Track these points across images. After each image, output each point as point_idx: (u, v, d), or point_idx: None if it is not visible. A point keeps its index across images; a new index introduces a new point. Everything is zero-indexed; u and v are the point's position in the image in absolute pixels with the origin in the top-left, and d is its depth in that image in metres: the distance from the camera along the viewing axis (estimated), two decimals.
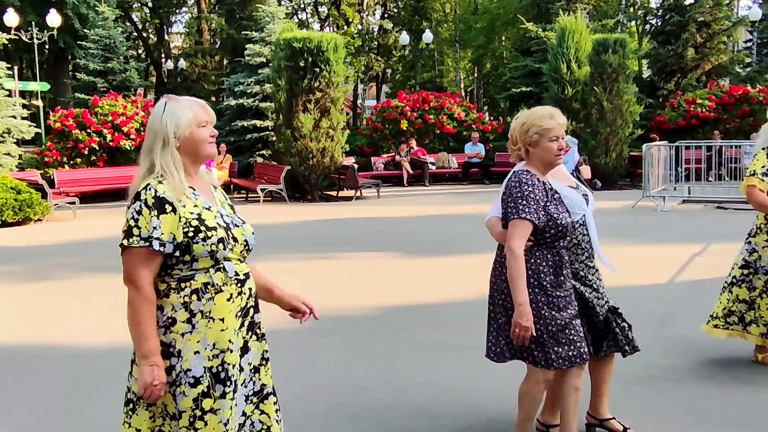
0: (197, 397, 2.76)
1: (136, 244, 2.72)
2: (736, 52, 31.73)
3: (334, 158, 18.86)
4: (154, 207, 2.73)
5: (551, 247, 3.76)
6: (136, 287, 2.72)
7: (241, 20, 32.33)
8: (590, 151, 20.04)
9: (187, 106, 2.86)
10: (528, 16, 27.07)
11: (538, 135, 3.79)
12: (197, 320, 2.77)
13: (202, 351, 2.78)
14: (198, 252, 2.76)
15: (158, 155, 2.81)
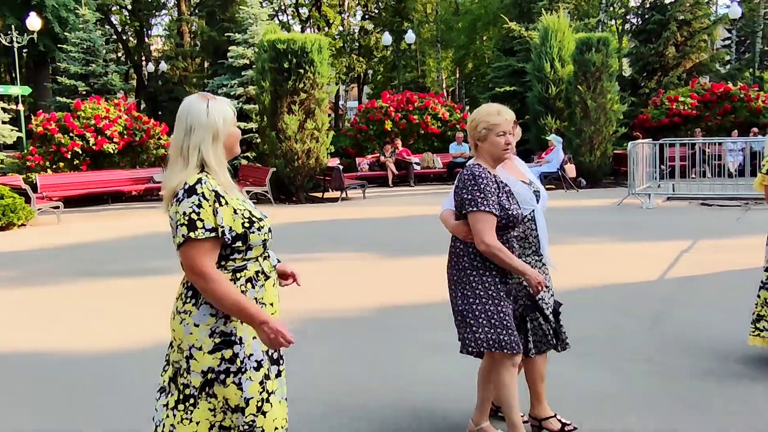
0: (262, 380, 2.87)
1: (202, 236, 2.74)
2: (716, 50, 31.98)
3: (320, 159, 18.81)
4: (213, 199, 2.78)
5: (500, 236, 3.88)
6: (206, 277, 2.74)
7: (223, 22, 32.22)
8: (574, 150, 20.13)
9: (226, 103, 2.93)
10: (510, 16, 27.15)
11: (486, 130, 3.94)
12: None
13: None
14: (254, 241, 2.87)
15: (208, 149, 2.84)
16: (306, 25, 45.93)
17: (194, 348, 2.83)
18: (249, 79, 21.95)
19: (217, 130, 2.86)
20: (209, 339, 2.82)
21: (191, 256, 2.75)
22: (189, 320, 2.85)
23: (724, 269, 8.75)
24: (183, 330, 2.86)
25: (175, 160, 2.87)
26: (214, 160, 2.84)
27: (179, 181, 2.81)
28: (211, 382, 2.84)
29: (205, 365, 2.82)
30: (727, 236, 11.08)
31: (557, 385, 5.07)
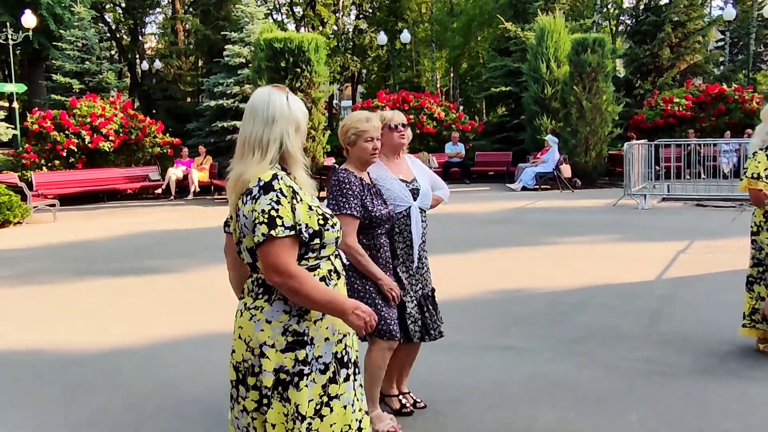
0: (326, 383, 2.79)
1: (283, 233, 2.64)
2: (710, 52, 32.08)
3: (316, 159, 18.82)
4: (290, 195, 2.71)
5: (367, 233, 4.18)
6: (289, 275, 2.64)
7: (218, 21, 32.09)
8: (570, 150, 20.17)
9: (298, 99, 2.90)
10: (505, 16, 27.17)
11: (355, 136, 4.22)
12: None
13: (331, 337, 2.82)
14: (328, 239, 2.79)
15: (292, 141, 2.81)
16: (300, 24, 45.86)
17: (266, 345, 2.73)
18: (245, 77, 21.92)
19: (298, 123, 2.84)
20: (282, 337, 2.73)
21: (274, 255, 2.64)
22: (260, 316, 2.75)
23: (720, 269, 8.79)
24: (253, 327, 2.75)
25: (247, 152, 2.76)
26: (298, 152, 2.82)
27: (254, 173, 2.72)
28: (285, 384, 2.74)
29: (278, 364, 2.73)
30: (722, 237, 11.13)
31: (557, 383, 5.11)
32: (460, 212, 15.15)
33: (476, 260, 9.98)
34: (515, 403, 4.80)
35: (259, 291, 2.78)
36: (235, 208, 2.79)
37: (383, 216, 4.19)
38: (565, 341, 6.11)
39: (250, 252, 2.76)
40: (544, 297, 7.72)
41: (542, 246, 10.76)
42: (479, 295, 7.89)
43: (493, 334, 6.44)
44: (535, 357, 5.75)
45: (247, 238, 2.73)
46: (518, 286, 8.22)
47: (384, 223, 4.23)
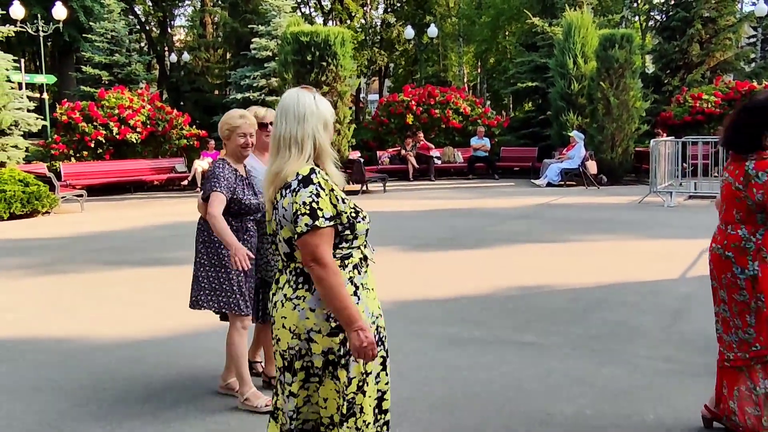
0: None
1: (324, 224, 2.82)
2: (741, 48, 31.68)
3: (341, 152, 18.87)
4: (328, 188, 2.89)
5: (236, 217, 4.68)
6: (323, 264, 2.81)
7: (246, 14, 32.19)
8: (596, 147, 20.06)
9: (324, 99, 3.05)
10: (533, 11, 27.03)
11: (228, 131, 4.70)
12: (360, 292, 2.96)
13: (366, 319, 2.94)
14: (360, 230, 2.97)
15: (322, 138, 2.96)
16: (328, 17, 45.91)
17: (312, 332, 2.90)
18: (271, 71, 22.03)
19: (326, 120, 2.98)
20: (326, 323, 2.89)
21: (315, 244, 2.81)
22: (303, 305, 2.91)
23: None
24: (297, 315, 2.92)
25: (283, 149, 2.93)
26: (328, 148, 2.99)
27: (293, 169, 2.89)
28: (334, 364, 2.93)
29: (325, 347, 2.91)
30: None
31: (575, 379, 5.11)
32: (484, 207, 15.15)
33: (498, 255, 9.97)
34: (533, 399, 4.81)
35: (299, 281, 2.95)
36: (272, 202, 2.99)
37: (252, 205, 4.67)
38: (584, 338, 6.10)
39: (287, 242, 2.95)
40: (566, 293, 7.71)
41: (566, 242, 10.73)
42: (500, 291, 7.88)
43: (513, 329, 6.44)
44: (554, 353, 5.75)
45: (285, 229, 2.92)
46: (540, 282, 8.21)
47: (253, 212, 4.70)
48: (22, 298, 8.00)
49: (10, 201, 14.40)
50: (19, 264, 9.97)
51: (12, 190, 14.48)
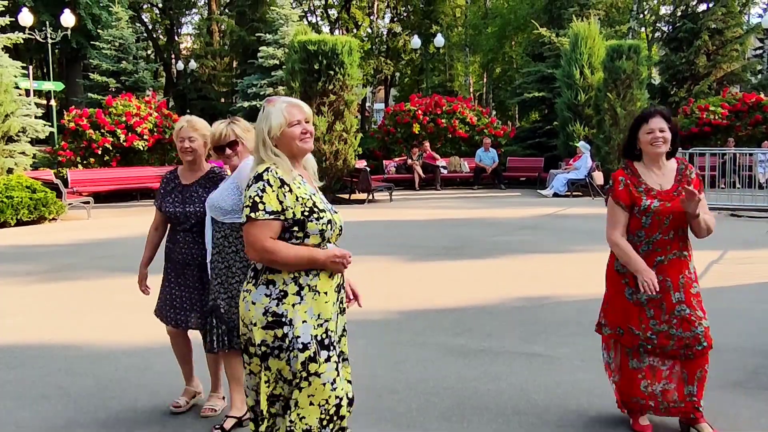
0: (305, 361, 3.14)
1: (262, 217, 3.09)
2: (748, 60, 31.67)
3: (347, 161, 18.89)
4: (277, 185, 3.13)
5: (172, 228, 4.84)
6: (264, 249, 3.09)
7: (253, 22, 32.34)
8: (603, 157, 20.04)
9: (279, 109, 3.26)
10: (540, 22, 27.09)
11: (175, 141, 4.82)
12: (305, 293, 3.17)
13: (309, 320, 3.18)
14: (311, 229, 3.17)
15: (262, 149, 3.23)
16: (335, 26, 46.04)
17: (252, 324, 3.18)
18: (278, 79, 22.09)
19: (263, 134, 3.23)
20: (263, 317, 3.14)
21: (251, 234, 3.10)
22: (249, 298, 3.20)
23: (753, 281, 8.69)
24: (244, 307, 3.22)
25: (254, 153, 3.30)
26: (270, 158, 3.20)
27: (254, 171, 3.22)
28: (265, 355, 3.16)
29: (260, 339, 3.15)
30: (756, 248, 10.99)
31: (584, 391, 5.08)
32: (491, 217, 15.13)
33: (505, 265, 9.95)
34: (541, 410, 4.79)
35: (251, 275, 3.25)
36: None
37: (169, 213, 4.74)
38: (593, 349, 6.06)
39: None
40: (574, 304, 7.68)
41: (572, 253, 10.70)
42: (508, 302, 7.87)
43: (521, 340, 6.42)
44: (563, 365, 5.73)
45: None
46: (547, 293, 8.19)
47: (175, 221, 4.75)
48: (29, 304, 8.00)
49: (18, 207, 14.43)
50: (26, 270, 9.98)
51: (19, 196, 14.51)
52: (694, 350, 4.23)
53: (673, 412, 4.36)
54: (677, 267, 4.24)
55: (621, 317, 4.40)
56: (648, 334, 4.31)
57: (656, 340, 4.29)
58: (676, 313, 4.23)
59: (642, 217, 4.23)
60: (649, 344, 4.32)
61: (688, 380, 4.29)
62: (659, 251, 4.24)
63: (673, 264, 4.24)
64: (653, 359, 4.35)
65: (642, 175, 4.30)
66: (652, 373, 4.35)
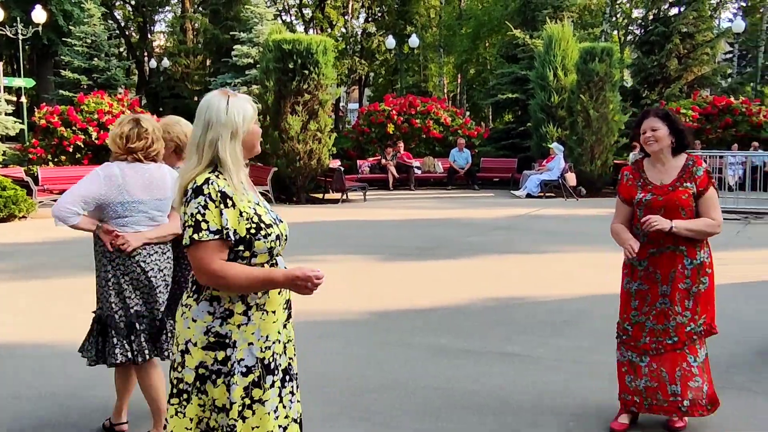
0: (248, 386, 2.84)
1: (206, 237, 2.72)
2: (718, 64, 32.06)
3: (321, 161, 18.85)
4: (218, 200, 2.75)
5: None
6: (213, 273, 2.73)
7: (227, 21, 32.17)
8: (576, 159, 20.17)
9: (246, 100, 2.90)
10: (514, 23, 27.20)
11: None
12: (252, 312, 2.84)
13: (256, 342, 2.85)
14: (259, 248, 2.82)
15: (225, 147, 2.80)
16: (309, 25, 45.95)
17: (190, 343, 2.83)
18: (253, 78, 22.00)
19: (236, 128, 2.80)
20: (204, 336, 2.80)
21: (197, 258, 2.74)
22: (188, 314, 2.84)
23: (723, 282, 8.77)
24: (182, 323, 2.86)
25: (190, 156, 2.84)
26: (230, 159, 2.79)
27: (190, 177, 2.80)
28: (203, 379, 2.83)
29: (199, 360, 2.81)
30: (726, 249, 11.10)
31: (560, 391, 5.11)
32: (464, 217, 15.18)
33: (480, 266, 9.99)
34: (517, 410, 4.81)
35: (192, 288, 2.88)
36: (179, 206, 2.88)
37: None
38: (567, 350, 6.12)
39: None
40: (547, 305, 7.73)
41: (546, 253, 10.76)
42: (483, 302, 7.89)
43: (498, 340, 6.44)
44: (538, 365, 5.76)
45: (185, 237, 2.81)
46: (521, 293, 8.23)
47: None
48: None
49: None
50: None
51: None
52: (665, 344, 4.32)
53: (655, 410, 4.41)
54: (670, 260, 4.33)
55: (621, 306, 4.56)
56: (625, 325, 4.45)
57: (631, 331, 4.42)
58: (657, 305, 4.34)
59: (637, 209, 4.40)
60: (624, 335, 4.46)
61: (669, 379, 4.33)
62: (652, 243, 4.35)
63: (665, 257, 4.34)
64: (631, 354, 4.45)
65: (646, 170, 4.48)
66: (633, 368, 4.44)
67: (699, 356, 4.37)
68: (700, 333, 4.36)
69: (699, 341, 4.38)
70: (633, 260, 4.41)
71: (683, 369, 4.33)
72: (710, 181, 4.39)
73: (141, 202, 4.24)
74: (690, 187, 4.32)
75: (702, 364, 4.37)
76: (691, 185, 4.32)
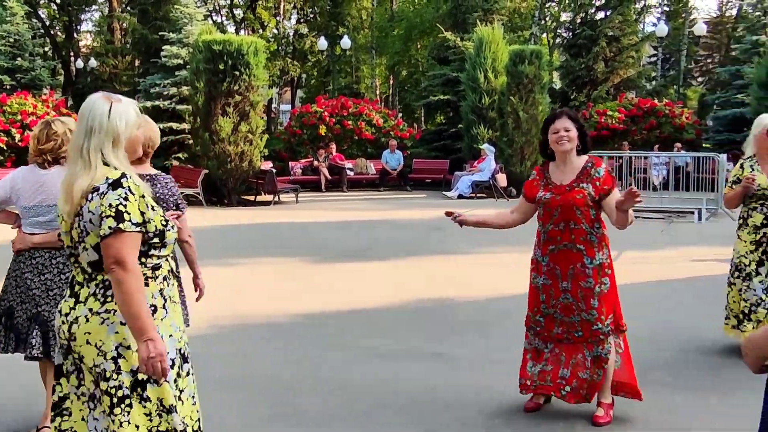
0: (176, 378, 2.87)
1: (129, 228, 2.72)
2: (643, 67, 32.88)
3: (253, 162, 18.70)
4: (138, 193, 2.79)
5: None
6: (125, 268, 2.69)
7: (156, 20, 31.61)
8: (506, 159, 20.44)
9: (130, 105, 2.91)
10: (445, 26, 27.40)
11: None
12: (168, 305, 2.91)
13: (174, 333, 2.91)
14: (169, 239, 2.90)
15: (109, 153, 2.81)
16: (240, 26, 45.49)
17: (122, 347, 2.77)
18: (182, 79, 21.63)
19: (117, 134, 2.82)
20: None
21: (118, 248, 2.69)
22: (114, 319, 2.76)
23: (648, 279, 9.02)
24: (106, 330, 2.76)
25: (75, 160, 2.82)
26: (116, 162, 2.81)
27: (87, 182, 2.76)
28: (143, 384, 2.78)
29: (135, 365, 2.75)
30: (651, 248, 11.41)
31: (485, 390, 5.17)
32: (397, 218, 15.24)
33: (412, 267, 10.05)
34: (441, 410, 4.84)
35: (107, 294, 2.80)
36: (68, 214, 2.83)
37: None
38: (493, 349, 6.20)
39: (95, 249, 2.78)
40: (474, 304, 7.83)
41: (476, 254, 10.88)
42: (413, 303, 7.94)
43: (426, 341, 6.49)
44: (467, 364, 5.82)
45: (92, 234, 2.77)
46: (451, 294, 8.30)
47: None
48: None
49: None
50: None
51: None
52: (572, 336, 4.51)
53: (538, 390, 4.64)
54: (567, 258, 4.48)
55: (529, 300, 4.76)
56: (537, 317, 4.63)
57: (543, 322, 4.61)
58: (561, 299, 4.52)
59: (539, 207, 4.61)
60: (538, 326, 4.64)
61: (564, 364, 4.53)
62: (551, 241, 4.55)
63: (562, 254, 4.50)
64: (539, 342, 4.65)
65: (551, 171, 4.65)
66: (537, 354, 4.65)
67: (596, 351, 4.49)
68: (606, 332, 4.48)
69: (605, 340, 4.49)
70: (537, 255, 4.66)
71: (578, 359, 4.51)
72: (615, 181, 4.55)
73: (30, 207, 4.28)
74: (585, 188, 4.44)
75: (597, 359, 4.48)
76: (588, 186, 4.45)
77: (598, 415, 4.56)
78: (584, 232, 4.44)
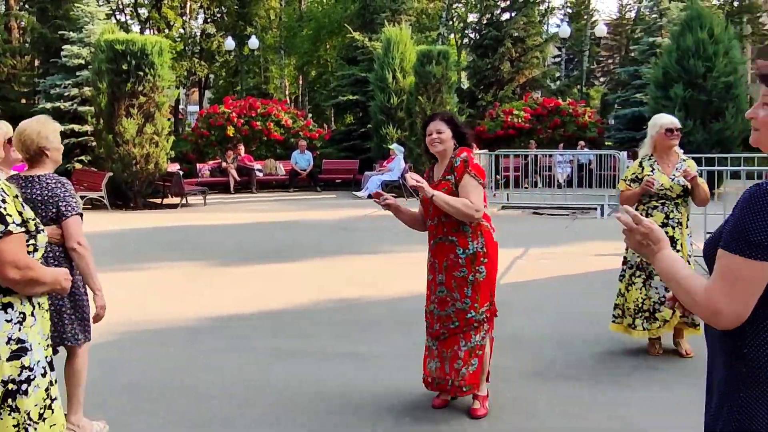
0: (47, 386, 2.78)
1: (16, 230, 2.64)
2: (547, 67, 33.67)
3: (159, 165, 18.35)
4: (11, 194, 2.70)
5: None
6: (28, 266, 2.65)
7: (56, 19, 30.68)
8: (415, 159, 20.57)
9: None
10: (353, 26, 27.47)
11: None
12: (37, 311, 2.80)
13: (41, 341, 2.80)
14: (40, 243, 2.81)
15: None
16: (145, 26, 44.57)
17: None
18: (84, 79, 21.05)
19: None
20: (6, 346, 2.62)
21: (12, 251, 2.60)
22: None
23: (553, 275, 9.23)
24: None
25: None
26: None
27: None
28: (14, 394, 2.63)
29: (5, 375, 2.61)
30: (556, 244, 11.67)
31: (398, 388, 5.19)
32: (307, 219, 15.20)
33: (323, 267, 10.03)
34: (357, 409, 4.85)
35: None
36: None
37: None
38: (406, 347, 6.22)
39: None
40: (386, 304, 7.86)
41: (386, 253, 10.94)
42: (327, 303, 7.93)
43: (340, 341, 6.49)
44: (379, 363, 5.84)
45: None
46: (363, 293, 8.32)
47: None
48: None
49: None
50: None
51: None
52: (449, 328, 4.63)
53: (438, 387, 4.75)
54: (443, 250, 4.65)
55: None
56: (426, 314, 4.83)
57: (426, 316, 4.80)
58: (438, 293, 4.68)
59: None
60: (425, 321, 4.83)
61: (450, 360, 4.64)
62: (431, 235, 4.79)
63: (439, 247, 4.69)
64: (428, 338, 4.80)
65: (435, 171, 4.88)
66: (429, 352, 4.78)
67: (471, 341, 4.60)
68: (481, 320, 4.60)
69: (479, 328, 4.61)
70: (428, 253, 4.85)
71: (453, 350, 4.62)
72: (466, 169, 4.61)
73: None
74: (449, 180, 4.63)
75: (472, 349, 4.60)
76: (451, 177, 4.63)
77: (475, 408, 4.70)
78: (455, 224, 4.58)
